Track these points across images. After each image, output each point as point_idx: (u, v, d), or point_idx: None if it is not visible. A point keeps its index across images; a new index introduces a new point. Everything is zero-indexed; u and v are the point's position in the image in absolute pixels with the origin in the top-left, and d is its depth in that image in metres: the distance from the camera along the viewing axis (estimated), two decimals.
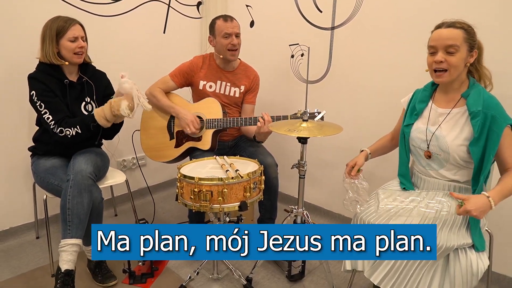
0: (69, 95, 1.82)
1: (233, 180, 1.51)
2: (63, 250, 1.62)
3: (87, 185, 1.70)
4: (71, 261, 1.61)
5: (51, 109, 1.73)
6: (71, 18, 1.78)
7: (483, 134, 1.33)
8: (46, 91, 1.74)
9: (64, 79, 1.81)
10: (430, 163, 1.50)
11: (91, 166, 1.77)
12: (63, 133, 1.73)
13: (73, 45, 1.76)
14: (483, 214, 1.23)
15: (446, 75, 1.37)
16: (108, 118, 1.75)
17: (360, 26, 2.16)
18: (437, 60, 1.35)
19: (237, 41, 2.06)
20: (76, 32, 1.76)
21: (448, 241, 1.28)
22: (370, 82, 2.19)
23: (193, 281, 1.87)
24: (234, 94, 2.19)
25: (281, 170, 2.12)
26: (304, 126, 1.64)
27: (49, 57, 1.74)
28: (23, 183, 2.23)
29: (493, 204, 1.24)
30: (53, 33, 1.73)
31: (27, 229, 2.31)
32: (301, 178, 1.74)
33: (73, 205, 1.65)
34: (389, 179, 1.68)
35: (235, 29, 2.05)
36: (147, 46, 2.66)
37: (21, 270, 1.96)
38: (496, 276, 1.86)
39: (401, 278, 1.32)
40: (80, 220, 1.66)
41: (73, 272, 1.61)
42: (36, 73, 1.77)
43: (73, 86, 1.84)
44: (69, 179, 1.69)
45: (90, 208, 1.71)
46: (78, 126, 1.73)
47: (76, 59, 1.80)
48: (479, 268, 1.31)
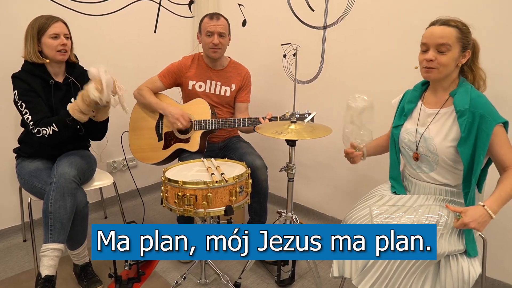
0: (54, 96, 1.78)
1: (218, 184, 1.47)
2: (44, 255, 1.58)
3: (70, 189, 1.65)
4: (52, 267, 1.57)
5: (32, 109, 1.69)
6: (54, 16, 1.74)
7: (471, 134, 1.28)
8: (28, 91, 1.70)
9: (49, 79, 1.77)
10: (421, 166, 1.45)
11: (74, 169, 1.72)
12: (40, 133, 1.68)
13: (54, 42, 1.72)
14: (483, 225, 1.18)
15: (435, 71, 1.33)
16: (82, 110, 1.66)
17: (353, 25, 2.12)
18: (428, 58, 1.32)
19: (220, 40, 2.01)
20: (58, 29, 1.72)
21: (439, 247, 1.23)
22: (362, 82, 2.15)
23: (180, 286, 1.83)
24: (225, 93, 2.14)
25: (273, 172, 2.08)
26: (292, 128, 1.60)
27: (30, 56, 1.71)
28: (9, 186, 2.20)
29: (491, 213, 1.19)
30: (34, 31, 1.70)
31: (13, 232, 2.28)
32: (290, 182, 1.70)
33: (55, 209, 1.61)
34: (381, 182, 1.64)
35: (218, 28, 1.99)
36: (138, 46, 2.62)
37: (6, 274, 1.93)
38: (491, 282, 1.82)
39: (390, 286, 1.28)
40: (62, 224, 1.61)
41: (54, 277, 1.57)
42: (20, 72, 1.74)
43: (59, 87, 1.80)
44: (52, 182, 1.65)
45: (73, 212, 1.67)
46: (54, 124, 1.68)
47: (59, 56, 1.75)
48: (471, 276, 1.27)
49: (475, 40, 1.37)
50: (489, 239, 1.49)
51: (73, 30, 1.79)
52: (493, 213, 1.19)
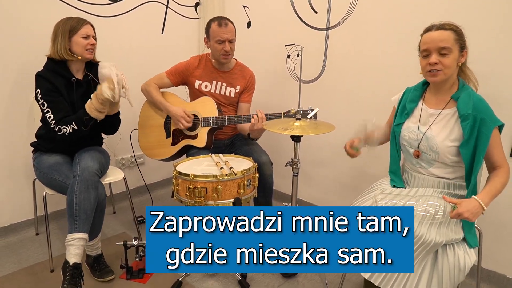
0: (76, 93, 1.87)
1: (227, 177, 1.55)
2: (70, 244, 1.66)
3: (93, 181, 1.75)
4: (79, 255, 1.66)
5: (53, 108, 1.78)
6: (84, 19, 1.86)
7: (472, 136, 1.36)
8: (51, 91, 1.79)
9: (71, 77, 1.85)
10: (420, 162, 1.53)
11: (97, 163, 1.83)
12: (61, 132, 1.77)
13: (85, 42, 1.83)
14: (475, 216, 1.28)
15: (441, 74, 1.39)
16: (97, 108, 1.78)
17: (354, 27, 2.20)
18: (432, 62, 1.38)
19: (230, 46, 2.08)
20: (89, 31, 1.85)
21: (437, 237, 1.31)
22: (364, 82, 2.22)
23: (189, 277, 1.91)
24: (230, 94, 2.22)
25: (276, 168, 2.15)
26: (298, 124, 1.67)
27: (61, 53, 1.80)
28: (23, 181, 2.27)
29: (483, 205, 1.29)
30: (66, 30, 1.80)
31: (27, 226, 2.35)
32: (295, 176, 1.77)
33: (80, 201, 1.69)
34: (380, 177, 1.72)
35: (228, 35, 2.06)
36: (146, 47, 2.70)
37: (21, 265, 2.00)
38: (486, 273, 1.89)
39: (391, 273, 1.35)
40: (86, 215, 1.70)
41: (80, 265, 1.66)
42: (44, 71, 1.82)
43: (80, 84, 1.89)
44: (76, 175, 1.74)
45: (96, 203, 1.76)
46: (73, 123, 1.77)
47: (87, 54, 1.86)
48: (466, 264, 1.35)
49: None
50: (485, 231, 1.57)
51: None
52: (485, 205, 1.29)
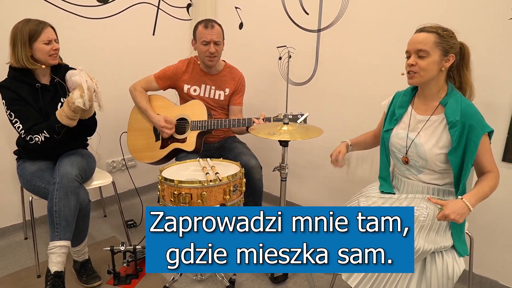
0: (42, 99, 1.79)
1: (212, 183, 1.53)
2: (52, 252, 1.64)
3: (73, 188, 1.71)
4: (60, 263, 1.63)
5: (21, 117, 1.72)
6: (43, 21, 1.75)
7: (461, 144, 1.34)
8: (16, 100, 1.72)
9: (36, 83, 1.78)
10: (409, 168, 1.50)
11: (76, 169, 1.78)
12: (33, 141, 1.73)
13: (47, 47, 1.73)
14: (462, 217, 1.24)
15: (417, 76, 1.38)
16: (69, 116, 1.71)
17: (346, 28, 2.17)
18: (409, 63, 1.38)
19: (216, 48, 2.05)
20: (50, 35, 1.74)
21: (426, 244, 1.29)
22: (355, 84, 2.19)
23: (177, 282, 1.88)
24: (219, 97, 2.20)
25: (267, 172, 2.13)
26: (285, 129, 1.65)
27: (22, 61, 1.71)
28: (11, 185, 2.25)
29: (470, 206, 1.26)
30: (25, 36, 1.69)
31: (15, 230, 2.33)
32: (283, 181, 1.75)
33: (60, 208, 1.66)
34: (370, 181, 1.69)
35: (214, 36, 2.03)
36: (137, 49, 2.67)
37: (8, 270, 1.98)
38: (478, 279, 1.87)
39: (378, 281, 1.33)
40: (67, 222, 1.67)
41: (62, 273, 1.64)
42: (6, 81, 1.75)
43: (46, 88, 1.82)
44: (55, 182, 1.71)
45: (77, 210, 1.73)
46: (45, 131, 1.72)
47: (51, 60, 1.78)
48: (455, 272, 1.33)
49: (464, 44, 1.40)
50: (476, 237, 1.54)
51: (73, 33, 1.82)
52: (471, 205, 1.26)
